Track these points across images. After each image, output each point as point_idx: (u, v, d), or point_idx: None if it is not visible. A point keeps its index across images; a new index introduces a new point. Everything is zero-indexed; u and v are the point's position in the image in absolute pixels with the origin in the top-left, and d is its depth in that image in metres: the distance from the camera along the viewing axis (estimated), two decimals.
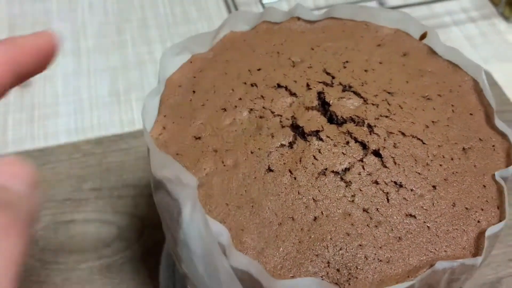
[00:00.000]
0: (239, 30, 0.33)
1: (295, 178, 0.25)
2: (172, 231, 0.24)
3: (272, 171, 0.25)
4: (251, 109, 0.28)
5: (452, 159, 0.26)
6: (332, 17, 0.34)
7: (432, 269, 0.22)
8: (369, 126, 0.26)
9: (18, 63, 0.20)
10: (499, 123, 0.27)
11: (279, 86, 0.28)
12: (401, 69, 0.30)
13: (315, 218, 0.24)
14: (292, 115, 0.27)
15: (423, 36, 0.32)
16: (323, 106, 0.27)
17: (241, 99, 0.28)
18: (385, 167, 0.25)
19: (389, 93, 0.28)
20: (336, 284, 0.22)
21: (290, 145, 0.26)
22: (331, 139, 0.26)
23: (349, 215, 0.24)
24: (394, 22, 0.33)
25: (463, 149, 0.27)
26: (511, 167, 0.26)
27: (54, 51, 0.21)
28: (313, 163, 0.25)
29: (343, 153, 0.25)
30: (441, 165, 0.26)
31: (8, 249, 0.15)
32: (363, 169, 0.25)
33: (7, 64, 0.20)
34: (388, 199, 0.24)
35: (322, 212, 0.24)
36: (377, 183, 0.25)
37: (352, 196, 0.24)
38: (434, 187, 0.25)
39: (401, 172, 0.25)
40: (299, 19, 0.33)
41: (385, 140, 0.26)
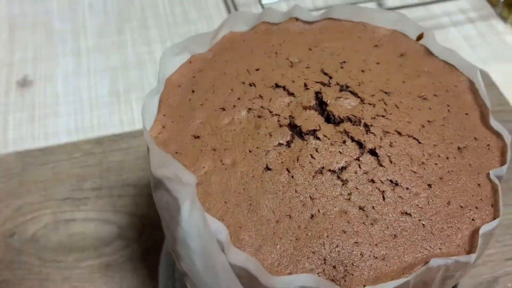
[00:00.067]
0: (238, 30, 0.33)
1: (293, 176, 0.25)
2: (171, 229, 0.24)
3: (270, 169, 0.25)
4: (250, 109, 0.28)
5: (447, 158, 0.26)
6: (330, 18, 0.34)
7: (426, 266, 0.22)
8: (366, 125, 0.26)
9: None
10: (494, 123, 0.28)
11: (277, 86, 0.29)
12: (398, 69, 0.30)
13: (312, 216, 0.24)
14: (290, 115, 0.27)
15: (420, 36, 0.32)
16: (321, 105, 0.28)
17: (239, 99, 0.28)
18: (381, 166, 0.25)
19: (386, 93, 0.28)
20: (332, 280, 0.23)
21: (287, 144, 0.26)
22: (328, 138, 0.26)
23: (346, 213, 0.24)
24: (391, 23, 0.33)
25: (459, 148, 0.27)
26: (505, 166, 0.26)
27: None
28: (310, 162, 0.25)
29: (340, 152, 0.26)
30: (436, 164, 0.26)
31: None
32: (360, 167, 0.25)
33: None
34: (384, 197, 0.25)
35: (319, 210, 0.24)
36: (373, 181, 0.25)
37: (348, 194, 0.25)
38: (429, 186, 0.25)
39: (397, 171, 0.25)
40: (297, 19, 0.34)
41: (381, 139, 0.26)
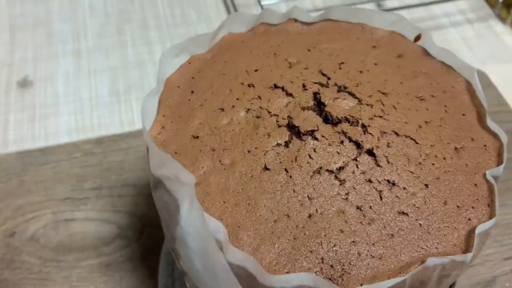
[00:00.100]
0: (237, 31, 0.33)
1: (291, 176, 0.25)
2: (170, 229, 0.24)
3: (268, 169, 0.26)
4: (248, 109, 0.28)
5: (444, 159, 0.26)
6: (328, 19, 0.34)
7: (423, 265, 0.22)
8: (363, 126, 0.27)
9: None
10: (491, 124, 0.28)
11: (276, 86, 0.29)
12: (395, 70, 0.30)
13: (310, 215, 0.24)
14: (288, 115, 0.27)
15: (418, 38, 0.32)
16: (319, 106, 0.28)
17: (238, 99, 0.29)
18: (379, 166, 0.26)
19: (384, 93, 0.28)
20: (329, 279, 0.23)
21: (286, 145, 0.26)
22: (326, 139, 0.26)
23: (343, 212, 0.24)
24: (389, 24, 0.33)
25: (455, 148, 0.27)
26: (501, 166, 0.26)
27: None
28: (308, 162, 0.26)
29: (337, 152, 0.26)
30: (433, 164, 0.26)
31: None
32: (357, 168, 0.26)
33: None
34: (381, 197, 0.25)
35: (316, 209, 0.24)
36: (370, 181, 0.25)
37: (346, 194, 0.25)
38: (426, 186, 0.25)
39: (394, 171, 0.25)
40: (296, 21, 0.34)
41: (378, 139, 0.26)
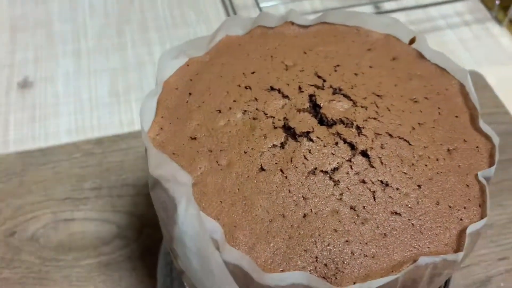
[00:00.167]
0: (234, 34, 0.34)
1: (286, 177, 0.26)
2: (168, 228, 0.25)
3: (264, 170, 0.26)
4: (245, 111, 0.29)
5: (437, 160, 0.27)
6: (324, 22, 0.35)
7: (415, 264, 0.23)
8: (358, 127, 0.27)
9: None
10: (483, 125, 0.28)
11: (272, 88, 0.29)
12: (390, 73, 0.31)
13: (305, 215, 0.25)
14: (284, 117, 0.28)
15: (412, 40, 0.33)
16: (314, 108, 0.28)
17: (235, 101, 0.29)
18: (372, 167, 0.26)
19: (378, 96, 0.29)
20: (323, 278, 0.23)
21: (281, 146, 0.27)
22: (321, 140, 0.27)
23: (337, 212, 0.25)
24: (384, 27, 0.34)
25: (448, 150, 0.28)
26: (493, 167, 0.27)
27: None
28: (303, 163, 0.26)
29: (332, 153, 0.26)
30: (426, 165, 0.27)
31: None
32: (351, 168, 0.26)
33: None
34: (374, 198, 0.25)
35: (311, 209, 0.25)
36: (364, 182, 0.26)
37: (340, 194, 0.25)
38: (419, 186, 0.26)
39: (387, 171, 0.26)
40: (292, 24, 0.34)
41: (372, 141, 0.27)
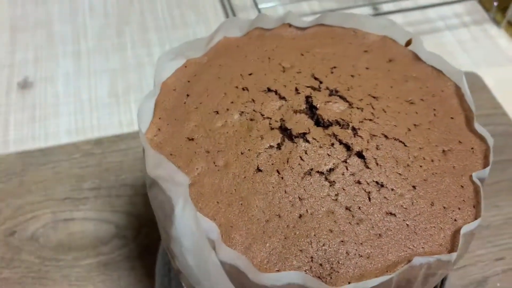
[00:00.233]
0: (232, 36, 0.34)
1: (282, 177, 0.26)
2: (165, 228, 0.25)
3: (260, 171, 0.26)
4: (242, 112, 0.29)
5: (432, 161, 0.27)
6: (321, 24, 0.35)
7: (409, 264, 0.23)
8: (354, 129, 0.27)
9: None
10: (478, 127, 0.29)
11: (269, 90, 0.30)
12: (386, 75, 0.31)
13: (300, 215, 0.25)
14: (281, 118, 0.28)
15: (408, 42, 0.33)
16: (311, 109, 0.29)
17: (233, 103, 0.29)
18: (368, 168, 0.26)
19: (374, 97, 0.29)
20: (318, 277, 0.24)
21: (278, 147, 0.27)
22: (317, 141, 0.27)
23: (332, 213, 0.25)
24: (381, 28, 0.34)
25: (443, 151, 0.28)
26: (488, 168, 0.27)
27: None
28: (299, 164, 0.26)
29: (328, 154, 0.27)
30: (421, 166, 0.27)
31: None
32: (347, 169, 0.26)
33: None
34: (369, 198, 0.26)
35: (307, 210, 0.25)
36: (359, 183, 0.26)
37: (335, 195, 0.26)
38: (414, 187, 0.26)
39: (382, 172, 0.26)
40: (290, 25, 0.35)
41: (368, 142, 0.27)
